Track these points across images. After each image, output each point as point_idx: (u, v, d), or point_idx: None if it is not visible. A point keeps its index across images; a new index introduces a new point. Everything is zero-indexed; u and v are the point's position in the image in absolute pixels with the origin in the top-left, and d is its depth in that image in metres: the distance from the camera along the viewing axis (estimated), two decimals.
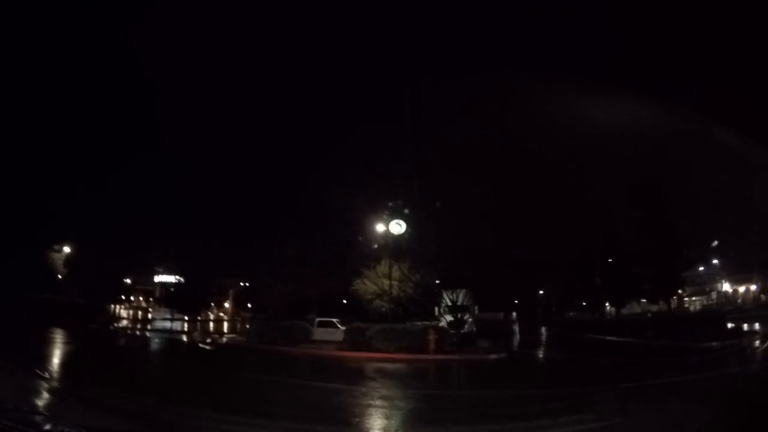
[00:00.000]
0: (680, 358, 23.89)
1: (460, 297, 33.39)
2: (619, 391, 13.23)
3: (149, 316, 62.31)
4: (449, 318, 31.85)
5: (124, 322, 56.12)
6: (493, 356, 26.83)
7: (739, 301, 55.88)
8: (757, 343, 27.80)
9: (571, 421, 10.05)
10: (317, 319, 34.66)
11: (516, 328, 53.02)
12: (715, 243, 44.00)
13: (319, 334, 33.20)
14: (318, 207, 38.52)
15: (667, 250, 37.76)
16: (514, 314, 61.92)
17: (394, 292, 33.41)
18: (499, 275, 45.31)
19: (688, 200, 40.40)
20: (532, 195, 49.63)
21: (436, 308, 33.97)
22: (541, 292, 61.20)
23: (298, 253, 36.58)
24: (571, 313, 58.13)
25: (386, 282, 33.37)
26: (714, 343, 26.73)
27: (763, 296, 54.94)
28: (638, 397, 12.62)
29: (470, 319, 33.80)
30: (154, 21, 23.26)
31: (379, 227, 34.81)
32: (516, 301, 62.45)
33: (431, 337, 26.67)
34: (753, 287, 57.63)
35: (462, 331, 31.49)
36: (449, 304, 32.90)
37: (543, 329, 50.70)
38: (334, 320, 34.03)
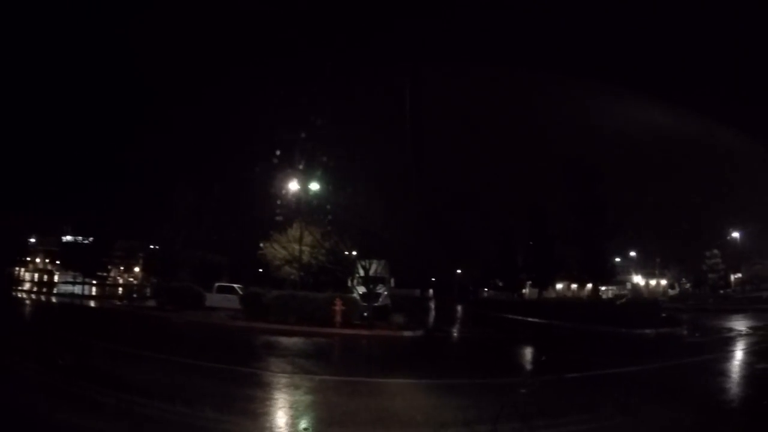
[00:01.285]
0: (615, 344, 21.29)
1: (376, 268, 30.53)
2: (567, 382, 10.89)
3: (54, 279, 57.46)
4: (362, 290, 28.98)
5: (27, 286, 51.15)
6: (408, 333, 23.30)
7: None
8: (693, 332, 25.53)
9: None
10: (216, 284, 31.97)
11: (432, 305, 51.19)
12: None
13: (216, 300, 30.42)
14: (223, 156, 34.74)
15: (599, 233, 35.87)
16: (431, 291, 60.93)
17: (305, 258, 30.49)
18: (418, 250, 43.63)
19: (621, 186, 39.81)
20: (462, 169, 48.16)
21: (350, 279, 30.94)
22: (459, 270, 59.89)
23: (193, 203, 32.73)
24: (486, 292, 57.39)
25: (296, 247, 30.32)
26: (648, 330, 24.42)
27: (670, 290, 57.76)
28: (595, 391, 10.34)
29: (385, 292, 31.17)
30: None
31: (293, 185, 30.66)
32: (433, 279, 61.70)
33: (338, 308, 23.14)
34: (663, 281, 60.71)
35: (375, 304, 28.56)
36: (362, 274, 29.87)
37: (459, 307, 48.24)
38: (235, 286, 31.05)
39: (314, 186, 29.68)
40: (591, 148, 37.47)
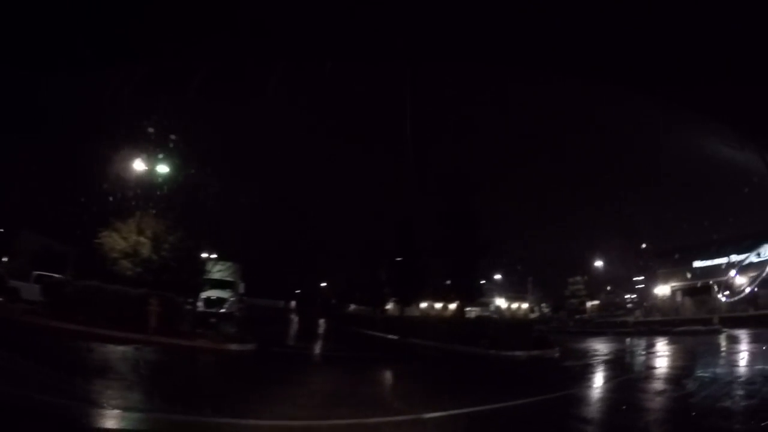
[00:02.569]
0: (486, 369, 17.96)
1: (225, 270, 28.49)
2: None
3: None
4: (208, 294, 26.83)
5: None
6: (234, 347, 18.57)
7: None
8: (566, 354, 23.00)
9: None
10: (34, 273, 27.30)
11: (291, 317, 47.49)
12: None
13: (35, 292, 24.40)
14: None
15: (469, 248, 33.16)
16: (293, 303, 57.28)
17: (145, 252, 25.61)
18: (281, 257, 40.16)
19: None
20: (328, 175, 45.59)
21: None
22: (324, 283, 56.27)
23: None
24: (352, 308, 53.49)
25: (137, 239, 25.83)
26: (519, 353, 21.83)
27: (531, 314, 56.30)
28: None
29: (233, 299, 28.38)
30: None
31: (140, 164, 25.64)
32: (298, 291, 58.14)
33: (152, 308, 18.20)
34: (524, 305, 59.72)
35: (220, 311, 26.58)
36: (210, 277, 27.34)
37: (317, 321, 44.11)
38: (57, 276, 26.51)
39: (163, 169, 24.97)
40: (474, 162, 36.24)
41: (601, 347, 26.23)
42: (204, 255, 29.57)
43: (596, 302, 62.95)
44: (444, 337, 25.87)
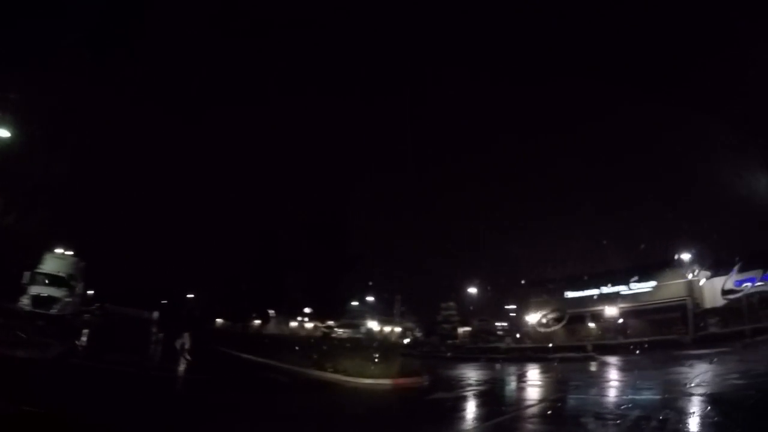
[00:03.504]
0: (337, 405, 14.20)
1: (58, 262, 24.94)
2: None
3: None
4: (37, 290, 22.85)
5: None
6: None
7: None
8: (437, 384, 19.72)
9: None
10: None
11: (146, 327, 40.62)
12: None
13: None
14: None
15: (333, 261, 29.92)
16: (156, 314, 51.43)
17: None
18: (142, 262, 38.58)
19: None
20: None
21: (28, 274, 23.61)
22: (192, 295, 52.14)
23: None
24: (218, 322, 49.55)
25: None
26: (383, 381, 18.52)
27: (404, 338, 54.68)
28: None
29: (69, 299, 24.36)
30: None
31: None
32: (164, 301, 52.92)
33: None
34: (397, 329, 59.28)
35: (51, 312, 22.48)
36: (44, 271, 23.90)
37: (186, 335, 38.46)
38: None
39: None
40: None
41: (473, 375, 23.54)
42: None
43: (468, 328, 64.06)
44: (302, 361, 22.06)
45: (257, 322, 41.76)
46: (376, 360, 20.30)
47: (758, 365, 18.90)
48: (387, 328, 67.19)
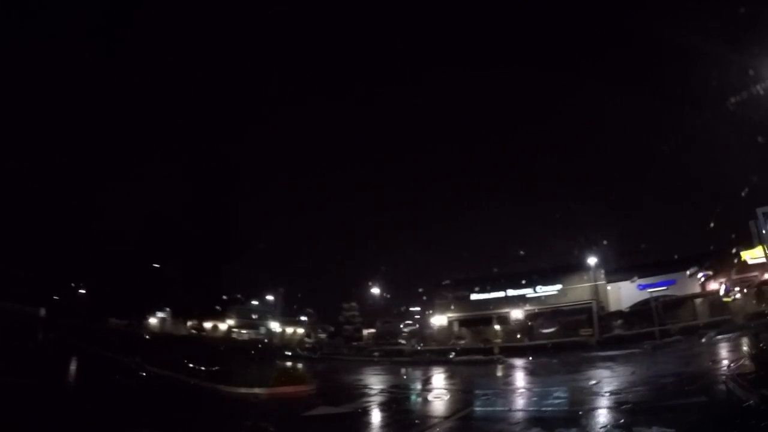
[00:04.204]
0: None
1: None
2: None
3: None
4: None
5: None
6: None
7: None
8: (324, 394, 16.70)
9: None
10: None
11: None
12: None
13: None
14: None
15: (216, 247, 26.39)
16: (43, 311, 45.57)
17: None
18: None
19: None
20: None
21: None
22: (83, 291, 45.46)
23: None
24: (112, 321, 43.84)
25: None
26: (259, 390, 15.43)
27: (307, 339, 56.49)
28: None
29: None
30: None
31: None
32: (56, 297, 47.20)
33: None
34: (300, 330, 61.82)
35: None
36: None
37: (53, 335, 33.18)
38: None
39: None
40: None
41: (371, 381, 20.85)
42: None
43: (373, 330, 62.20)
44: (175, 364, 18.57)
45: (153, 320, 37.44)
46: (254, 365, 17.18)
47: (669, 366, 17.74)
48: (290, 329, 64.10)
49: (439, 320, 46.13)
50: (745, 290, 34.86)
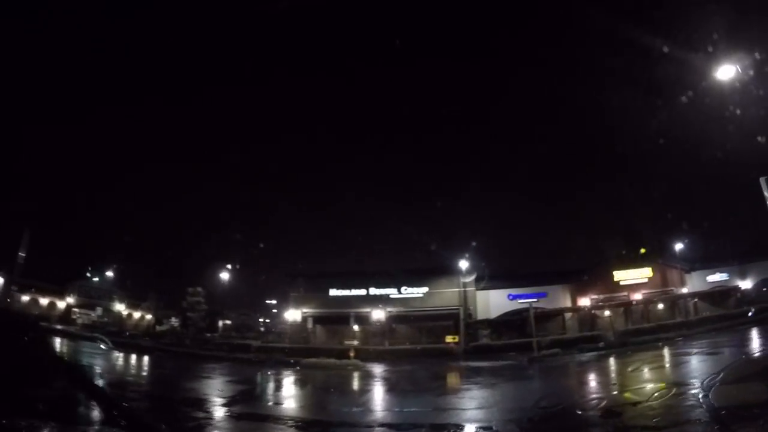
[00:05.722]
0: None
1: None
2: None
3: None
4: None
5: None
6: None
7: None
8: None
9: None
10: None
11: None
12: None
13: None
14: None
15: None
16: None
17: None
18: None
19: None
20: None
21: None
22: None
23: None
24: None
25: None
26: None
27: (158, 326, 54.45)
28: None
29: None
30: None
31: None
32: None
33: None
34: (148, 316, 58.46)
35: None
36: None
37: None
38: None
39: None
40: None
41: (213, 392, 16.07)
42: None
43: (229, 322, 59.89)
44: None
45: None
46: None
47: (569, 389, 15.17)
48: (137, 314, 57.51)
49: (293, 315, 42.17)
50: (614, 308, 35.50)
